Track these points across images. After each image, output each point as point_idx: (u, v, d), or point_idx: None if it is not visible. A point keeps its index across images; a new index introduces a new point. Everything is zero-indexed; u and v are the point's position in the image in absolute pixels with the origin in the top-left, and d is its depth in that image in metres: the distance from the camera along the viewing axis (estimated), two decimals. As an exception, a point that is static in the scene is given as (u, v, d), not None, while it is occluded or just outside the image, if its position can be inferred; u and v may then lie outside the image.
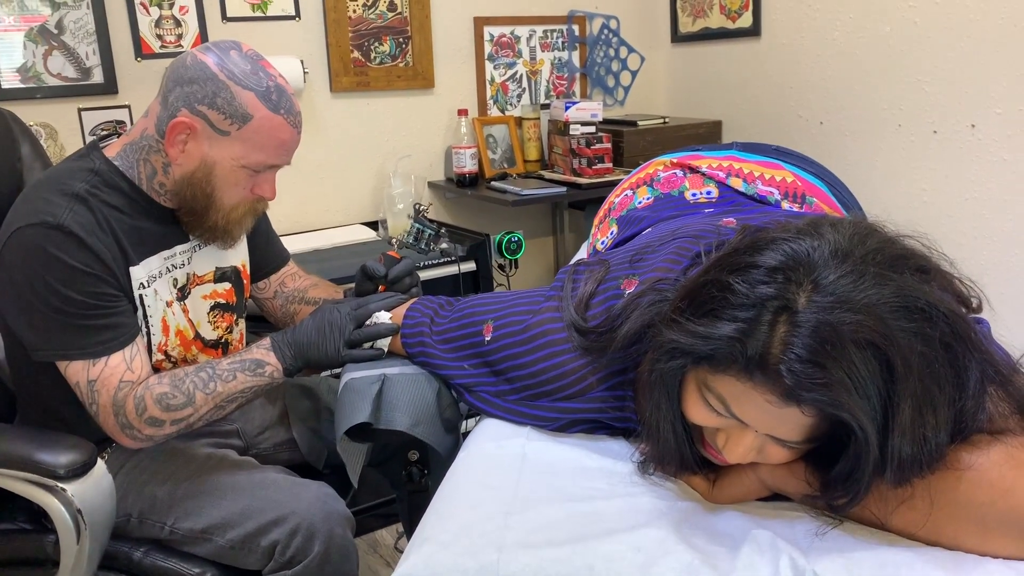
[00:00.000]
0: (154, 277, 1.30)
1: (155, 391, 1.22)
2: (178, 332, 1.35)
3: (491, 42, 2.85)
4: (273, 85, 1.23)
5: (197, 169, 1.24)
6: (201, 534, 1.26)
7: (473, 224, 2.85)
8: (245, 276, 1.50)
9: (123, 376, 1.21)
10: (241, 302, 1.48)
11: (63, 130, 2.23)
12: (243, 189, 1.28)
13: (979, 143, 2.16)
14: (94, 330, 1.20)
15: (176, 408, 1.22)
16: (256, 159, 1.25)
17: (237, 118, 1.21)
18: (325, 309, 1.30)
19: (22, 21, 2.15)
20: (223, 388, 1.25)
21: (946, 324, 0.77)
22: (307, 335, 1.28)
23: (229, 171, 1.25)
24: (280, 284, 1.59)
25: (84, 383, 1.21)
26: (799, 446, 0.84)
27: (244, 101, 1.20)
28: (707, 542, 0.84)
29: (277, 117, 1.23)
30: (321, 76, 2.58)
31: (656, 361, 0.87)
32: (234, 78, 1.20)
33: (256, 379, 1.27)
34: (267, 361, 1.27)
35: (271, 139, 1.24)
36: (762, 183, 1.32)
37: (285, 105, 1.24)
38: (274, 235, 1.60)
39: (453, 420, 1.24)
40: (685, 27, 3.00)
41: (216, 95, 1.20)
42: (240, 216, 1.31)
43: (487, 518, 0.90)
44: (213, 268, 1.42)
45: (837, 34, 2.47)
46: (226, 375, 1.25)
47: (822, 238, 0.81)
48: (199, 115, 1.20)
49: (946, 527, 0.80)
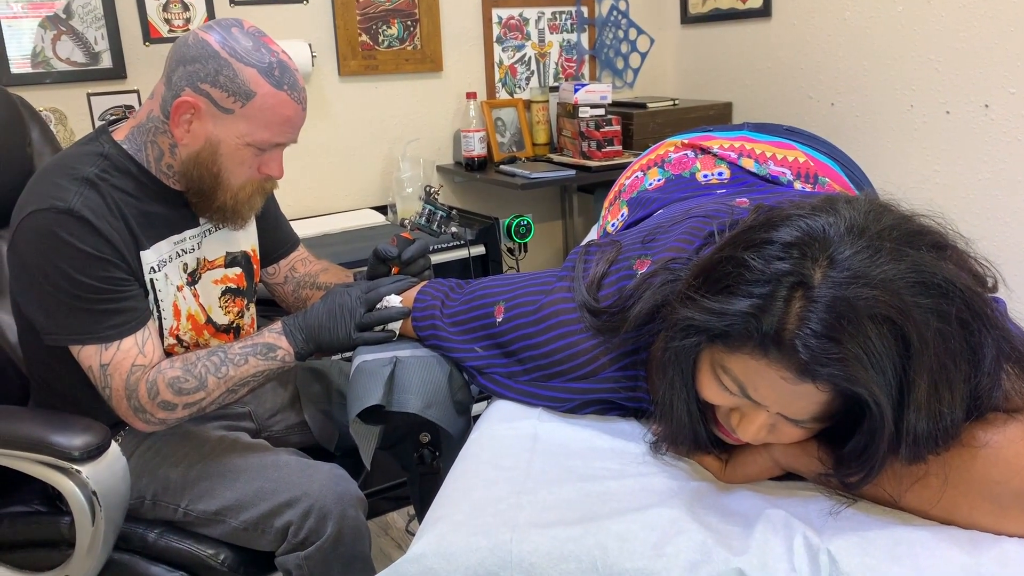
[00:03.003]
0: (164, 261, 1.30)
1: (167, 375, 1.22)
2: (189, 316, 1.35)
3: (499, 24, 2.83)
4: (276, 61, 1.22)
5: (202, 149, 1.24)
6: (215, 515, 1.26)
7: (482, 208, 2.84)
8: (255, 261, 1.50)
9: (135, 360, 1.22)
10: (251, 287, 1.48)
11: (72, 115, 2.23)
12: (250, 168, 1.27)
13: (992, 123, 2.14)
14: (106, 314, 1.20)
15: (188, 392, 1.23)
16: (261, 137, 1.24)
17: (240, 95, 1.20)
18: (335, 292, 1.30)
19: (30, 9, 2.15)
20: (235, 372, 1.25)
21: (962, 301, 0.76)
22: (318, 319, 1.28)
23: (234, 150, 1.24)
24: (291, 269, 1.59)
25: (97, 367, 1.21)
26: (812, 425, 0.84)
27: (247, 78, 1.20)
28: (720, 521, 0.84)
29: (280, 93, 1.22)
30: (329, 60, 2.57)
31: (670, 339, 0.87)
32: (236, 55, 1.19)
33: (268, 363, 1.27)
34: (279, 345, 1.28)
35: (275, 116, 1.23)
36: (774, 163, 1.32)
37: (288, 81, 1.23)
38: (283, 219, 1.60)
39: (464, 402, 1.24)
40: (695, 8, 2.97)
41: (219, 73, 1.19)
42: (248, 196, 1.31)
43: (500, 498, 0.90)
44: (223, 253, 1.42)
45: (848, 14, 2.45)
46: (238, 359, 1.26)
47: (837, 214, 0.80)
48: (202, 94, 1.20)
49: (961, 505, 0.80)
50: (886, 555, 0.77)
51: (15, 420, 1.24)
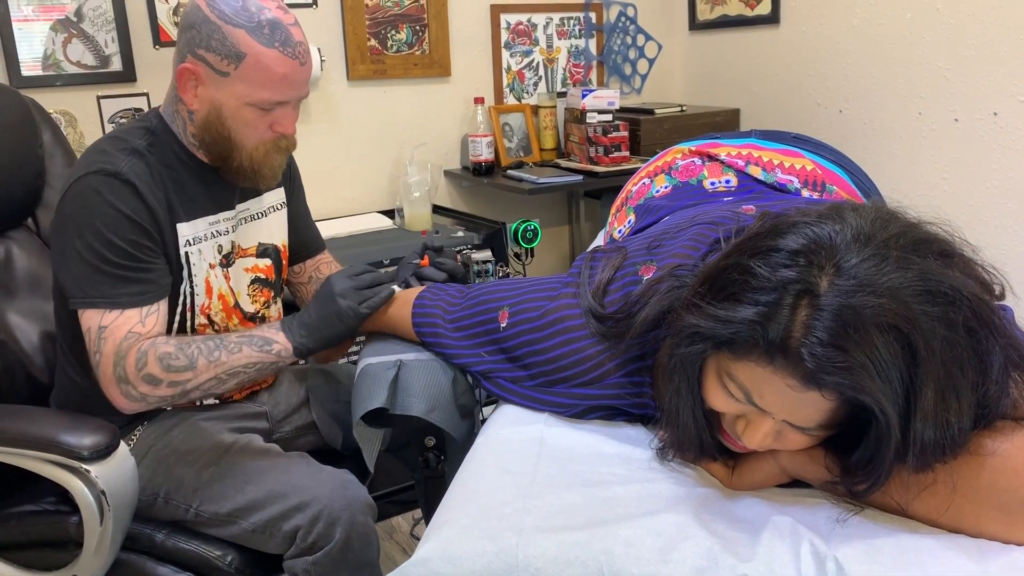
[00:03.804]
0: (200, 238, 1.32)
1: (160, 349, 1.22)
2: (220, 296, 1.37)
3: (508, 30, 2.84)
4: (266, 19, 1.21)
5: (209, 112, 1.26)
6: (226, 517, 1.27)
7: (489, 212, 2.84)
8: (284, 256, 1.52)
9: (133, 327, 1.22)
10: (279, 281, 1.51)
11: (83, 117, 2.25)
12: (259, 128, 1.28)
13: (1001, 131, 2.14)
14: (124, 281, 1.22)
15: (177, 370, 1.22)
16: (260, 96, 1.24)
17: (232, 58, 1.21)
18: (328, 281, 1.31)
19: (41, 12, 2.16)
20: (227, 359, 1.24)
21: (969, 309, 0.76)
22: (312, 312, 1.29)
23: (237, 111, 1.25)
24: (315, 269, 1.62)
25: (95, 329, 1.22)
26: (818, 432, 0.84)
27: (236, 39, 1.20)
28: (727, 527, 0.84)
29: (271, 51, 1.21)
30: (338, 64, 2.58)
31: (676, 346, 0.87)
32: (224, 17, 1.20)
33: (262, 355, 1.26)
34: (275, 339, 1.28)
35: (270, 74, 1.22)
36: (781, 171, 1.32)
37: (280, 37, 1.22)
38: (312, 222, 1.63)
39: (468, 406, 1.25)
40: (703, 14, 2.98)
41: (210, 37, 1.20)
42: (263, 155, 1.31)
43: (506, 502, 0.90)
44: (256, 243, 1.44)
45: (857, 21, 2.45)
46: (232, 347, 1.26)
47: (844, 222, 0.80)
48: (200, 59, 1.22)
49: (969, 513, 0.80)
50: (893, 563, 0.77)
51: (25, 419, 1.25)
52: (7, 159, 1.48)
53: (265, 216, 1.47)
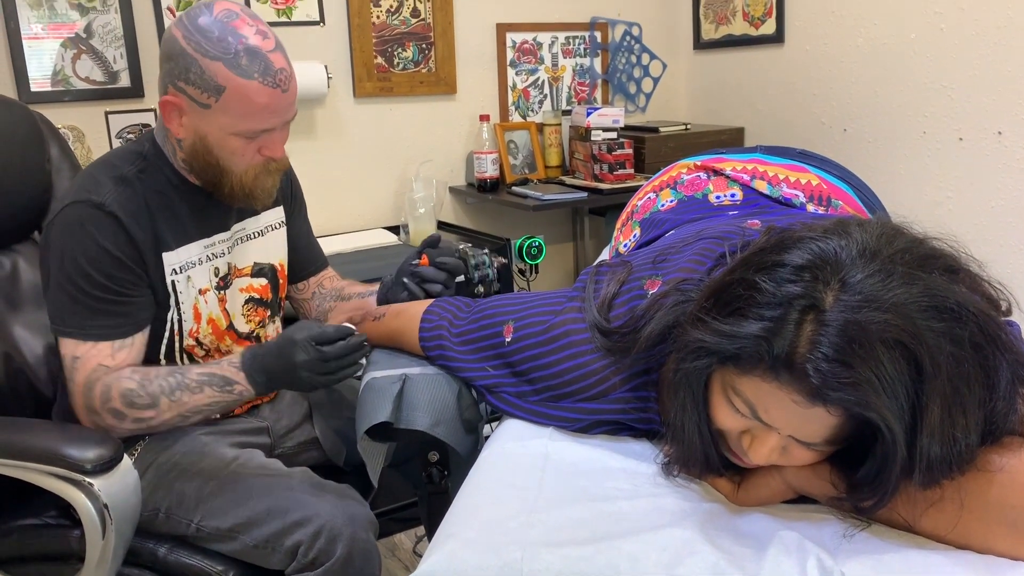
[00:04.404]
0: (191, 264, 1.32)
1: (123, 385, 1.22)
2: (210, 320, 1.37)
3: (513, 48, 2.86)
4: (243, 48, 1.19)
5: (195, 141, 1.26)
6: (227, 532, 1.26)
7: (494, 229, 2.85)
8: (282, 275, 1.52)
9: (103, 360, 1.24)
10: (276, 300, 1.50)
11: (90, 133, 2.26)
12: (247, 155, 1.27)
13: (1006, 150, 2.14)
14: (100, 314, 1.23)
15: (139, 407, 1.23)
16: (243, 127, 1.23)
17: (211, 91, 1.20)
18: (289, 341, 1.22)
19: (50, 29, 2.18)
20: (188, 399, 1.24)
21: (976, 324, 0.76)
22: (275, 366, 1.23)
23: (222, 140, 1.25)
24: (319, 286, 1.62)
25: (69, 357, 1.24)
26: (823, 448, 0.84)
27: (214, 72, 1.19)
28: (733, 543, 0.83)
29: (251, 83, 1.20)
30: (345, 81, 2.60)
31: (681, 361, 0.87)
32: (201, 50, 1.18)
33: (223, 395, 1.26)
34: (236, 380, 1.25)
35: (251, 105, 1.21)
36: (787, 186, 1.32)
37: (259, 67, 1.20)
38: (315, 240, 1.64)
39: (473, 421, 1.24)
40: (708, 34, 2.99)
41: (188, 70, 1.19)
42: (253, 179, 1.30)
43: (510, 516, 0.89)
44: (252, 263, 1.44)
45: (861, 40, 2.46)
46: (194, 386, 1.25)
47: (849, 237, 0.80)
48: (181, 92, 1.22)
49: (976, 530, 0.79)
50: (900, 579, 0.76)
51: (28, 432, 1.25)
52: (15, 173, 1.49)
53: (262, 235, 1.47)
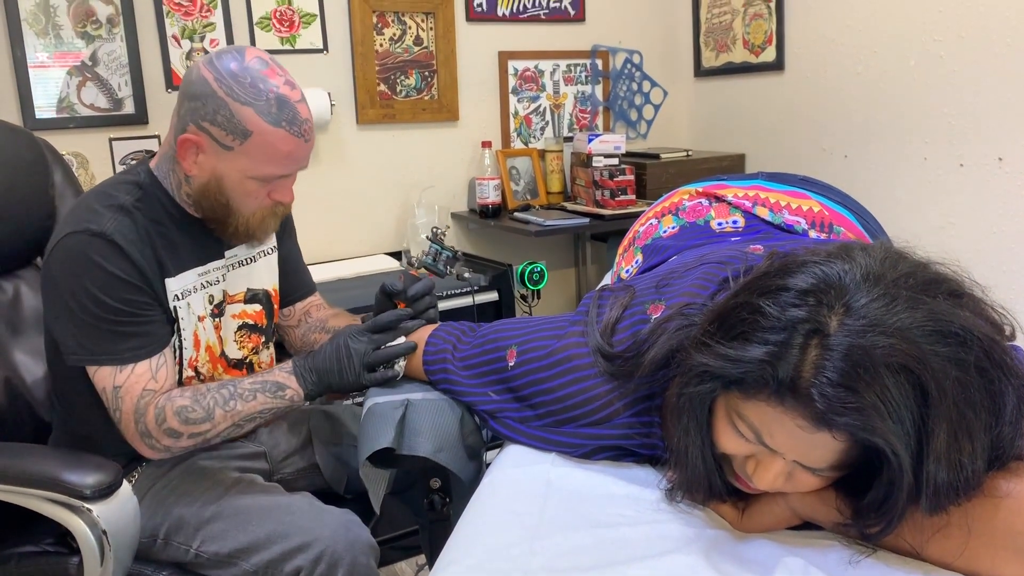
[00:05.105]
0: (189, 291, 1.32)
1: (176, 403, 1.23)
2: (207, 348, 1.37)
3: (515, 76, 2.88)
4: (274, 97, 1.22)
5: (209, 181, 1.26)
6: (227, 558, 1.25)
7: (496, 255, 2.85)
8: (275, 300, 1.52)
9: (147, 384, 1.24)
10: (270, 325, 1.50)
11: (94, 159, 2.27)
12: (258, 198, 1.29)
13: (1007, 176, 2.15)
14: (125, 336, 1.23)
15: (195, 422, 1.24)
16: (263, 171, 1.25)
17: (238, 134, 1.22)
18: (342, 333, 1.31)
19: (56, 58, 2.20)
20: (243, 407, 1.26)
21: (981, 349, 0.75)
22: (326, 360, 1.29)
23: (238, 183, 1.26)
24: (305, 313, 1.61)
25: (110, 389, 1.23)
26: (828, 473, 0.83)
27: (243, 117, 1.21)
28: (738, 569, 0.83)
29: (278, 131, 1.23)
30: (348, 108, 2.62)
31: (685, 385, 0.86)
32: (232, 94, 1.20)
33: (276, 401, 1.28)
34: (288, 384, 1.29)
35: (274, 152, 1.24)
36: (789, 212, 1.32)
37: (287, 116, 1.23)
38: (303, 264, 1.63)
39: (476, 447, 1.24)
40: (708, 61, 3.02)
41: (217, 112, 1.21)
42: (260, 220, 1.33)
43: (513, 543, 0.89)
44: (245, 289, 1.44)
45: (861, 68, 2.48)
46: (247, 395, 1.27)
47: (853, 261, 0.80)
48: (204, 131, 1.23)
49: (984, 556, 0.78)
50: (907, 607, 0.76)
51: (27, 457, 1.25)
52: (19, 198, 1.50)
53: (254, 261, 1.47)
